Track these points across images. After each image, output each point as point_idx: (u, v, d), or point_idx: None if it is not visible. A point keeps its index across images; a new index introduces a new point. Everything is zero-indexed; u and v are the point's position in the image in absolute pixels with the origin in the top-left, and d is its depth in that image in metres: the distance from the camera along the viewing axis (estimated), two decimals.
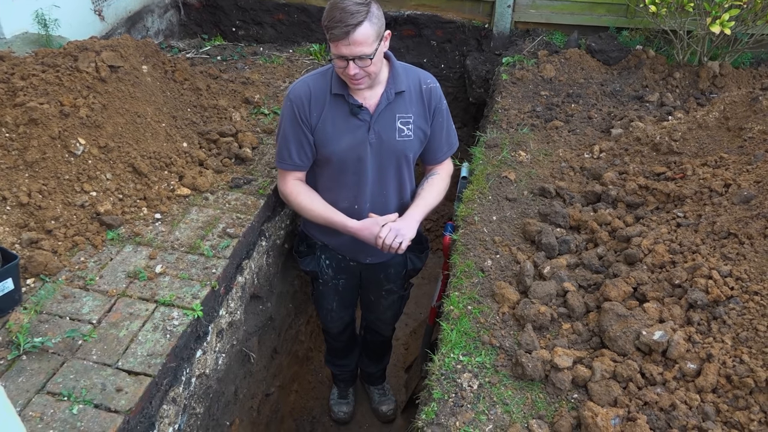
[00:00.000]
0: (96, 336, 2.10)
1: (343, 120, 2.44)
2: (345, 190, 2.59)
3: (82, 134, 2.67)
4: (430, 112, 2.55)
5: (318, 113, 2.43)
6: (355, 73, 2.24)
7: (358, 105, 2.41)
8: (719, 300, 2.03)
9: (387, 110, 2.46)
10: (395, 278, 3.00)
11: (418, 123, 2.53)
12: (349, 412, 3.71)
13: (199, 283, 2.36)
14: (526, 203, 2.84)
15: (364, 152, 2.49)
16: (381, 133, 2.48)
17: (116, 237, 2.56)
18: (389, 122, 2.48)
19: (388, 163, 2.56)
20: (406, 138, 2.52)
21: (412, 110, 2.50)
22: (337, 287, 3.01)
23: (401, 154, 2.56)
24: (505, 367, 2.06)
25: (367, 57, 2.20)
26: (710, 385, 1.86)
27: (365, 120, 2.44)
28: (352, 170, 2.53)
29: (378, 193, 2.62)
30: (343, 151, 2.48)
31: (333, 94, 2.42)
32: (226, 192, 2.90)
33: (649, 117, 3.42)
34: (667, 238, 2.34)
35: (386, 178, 2.60)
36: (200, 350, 2.32)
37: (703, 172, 2.62)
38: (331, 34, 2.16)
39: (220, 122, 3.30)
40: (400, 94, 2.47)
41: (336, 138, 2.45)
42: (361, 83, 2.32)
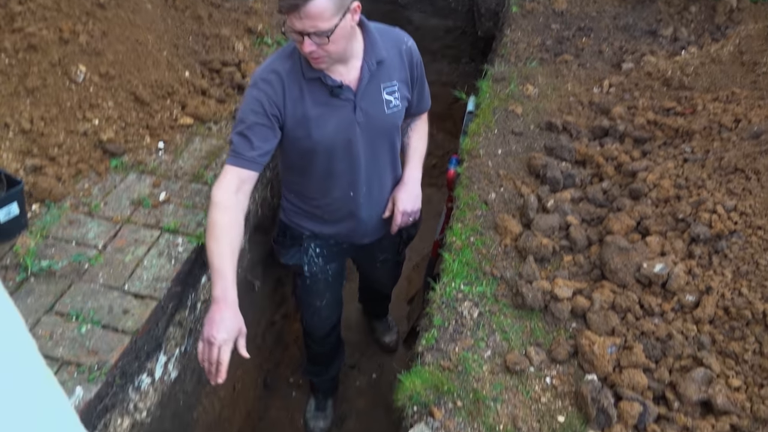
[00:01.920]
0: (102, 260, 2.13)
1: (323, 104, 2.08)
2: (337, 178, 2.26)
3: (83, 61, 2.63)
4: (412, 73, 2.26)
5: (293, 102, 2.06)
6: (311, 51, 1.88)
7: (338, 84, 2.06)
8: (722, 234, 2.03)
9: (371, 83, 2.13)
10: (389, 248, 2.75)
11: (402, 90, 2.23)
12: (325, 428, 3.25)
13: (203, 211, 2.37)
14: (532, 137, 2.81)
15: (353, 134, 2.16)
16: (368, 110, 2.15)
17: (120, 165, 2.56)
18: (375, 96, 2.16)
19: (379, 140, 2.26)
20: (394, 109, 2.21)
21: (395, 77, 2.19)
22: (327, 278, 2.64)
23: (392, 127, 2.27)
24: (505, 297, 2.09)
25: (324, 34, 1.85)
26: (708, 316, 1.88)
27: (349, 99, 2.10)
28: (341, 156, 2.20)
29: (374, 174, 2.32)
30: (330, 138, 2.13)
31: (307, 79, 2.04)
32: (229, 122, 2.87)
33: (662, 52, 3.34)
34: (673, 173, 2.33)
35: (379, 156, 2.31)
36: (205, 276, 2.35)
37: (714, 108, 2.58)
38: (280, 4, 1.84)
39: (223, 52, 3.24)
40: (381, 63, 2.13)
41: (319, 125, 2.10)
42: (321, 62, 1.96)
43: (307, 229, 2.45)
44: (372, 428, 3.36)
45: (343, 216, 2.38)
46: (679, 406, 1.72)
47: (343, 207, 2.35)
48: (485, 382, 1.82)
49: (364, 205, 2.35)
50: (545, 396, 1.79)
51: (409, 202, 2.38)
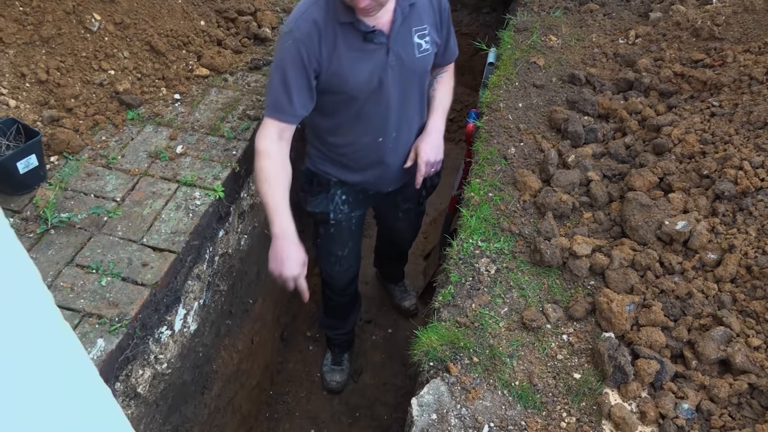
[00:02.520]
0: (120, 213, 2.14)
1: (357, 49, 2.10)
2: (368, 123, 2.29)
3: (97, 9, 2.59)
4: (441, 18, 2.29)
5: (329, 50, 2.07)
6: (366, 5, 1.92)
7: (371, 30, 2.07)
8: (747, 191, 1.99)
9: (403, 26, 2.15)
10: (412, 197, 2.78)
11: (432, 34, 2.25)
12: (342, 382, 3.37)
13: (220, 165, 2.37)
14: (554, 90, 2.74)
15: (386, 77, 2.18)
16: (401, 53, 2.17)
17: (136, 117, 2.54)
18: (407, 39, 2.18)
19: (410, 84, 2.29)
20: (425, 53, 2.24)
21: (426, 20, 2.22)
22: (350, 226, 2.66)
23: (423, 71, 2.30)
24: (523, 254, 2.07)
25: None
26: (729, 275, 1.86)
27: (382, 42, 2.12)
28: (374, 100, 2.22)
29: (403, 119, 2.35)
30: (364, 82, 2.16)
31: (341, 23, 2.05)
32: (246, 73, 2.83)
33: (692, 0, 3.21)
34: (699, 128, 2.26)
35: (409, 101, 2.33)
36: (222, 230, 2.36)
37: (745, 59, 2.48)
38: None
39: (238, 0, 3.17)
40: (413, 6, 2.16)
41: (354, 70, 2.12)
42: (372, 12, 1.99)
43: (334, 176, 2.46)
44: (387, 382, 3.42)
45: (371, 162, 2.40)
46: (696, 365, 1.72)
47: (371, 153, 2.37)
48: (502, 339, 1.82)
49: (392, 151, 2.38)
50: (561, 353, 1.79)
51: (432, 152, 2.40)
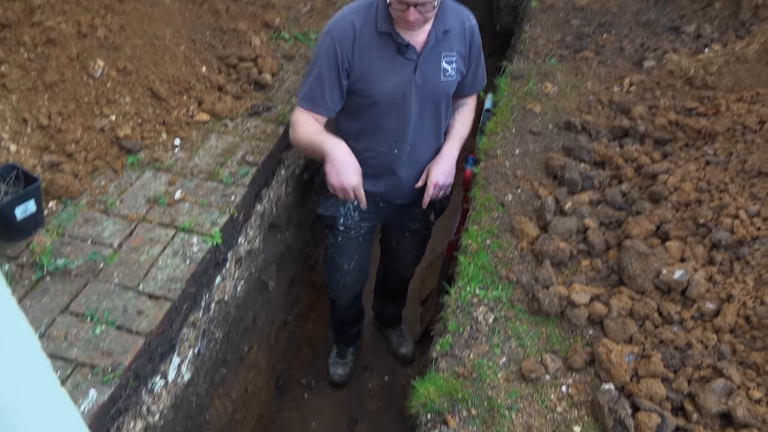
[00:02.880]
0: (117, 259, 2.13)
1: (389, 59, 2.30)
2: (386, 133, 2.46)
3: (101, 56, 2.63)
4: (470, 51, 2.46)
5: (361, 53, 2.28)
6: (414, 19, 2.13)
7: (406, 44, 2.28)
8: (744, 240, 1.99)
9: (434, 49, 2.34)
10: (421, 218, 2.89)
11: (459, 63, 2.43)
12: (345, 375, 3.53)
13: (219, 210, 2.37)
14: (551, 137, 2.77)
15: (410, 92, 2.37)
16: (427, 74, 2.36)
17: (136, 162, 2.56)
18: (435, 61, 2.36)
19: (430, 104, 2.45)
20: (449, 78, 2.42)
21: (455, 49, 2.40)
22: (359, 237, 2.80)
23: (444, 95, 2.47)
24: (521, 302, 2.06)
25: (430, 4, 2.10)
26: (728, 325, 1.84)
27: (412, 59, 2.31)
28: (395, 111, 2.41)
29: (419, 135, 2.50)
30: (388, 92, 2.35)
31: (379, 32, 2.26)
32: (246, 119, 2.86)
33: (685, 49, 3.28)
34: (694, 176, 2.28)
35: (427, 119, 2.49)
36: (219, 277, 2.35)
37: (738, 108, 2.52)
38: None
39: (240, 46, 3.22)
40: (447, 33, 2.34)
41: (382, 78, 2.32)
42: (416, 27, 2.22)
43: None
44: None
45: (384, 171, 2.56)
46: (698, 418, 1.69)
47: (385, 162, 2.54)
48: (500, 390, 1.80)
49: (405, 164, 2.55)
50: (561, 405, 1.76)
51: (443, 175, 2.54)
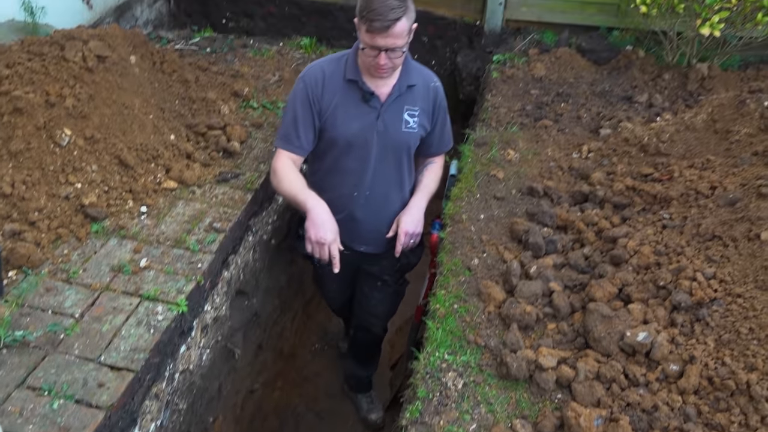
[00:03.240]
0: (78, 330, 2.08)
1: (354, 105, 2.49)
2: (347, 175, 2.62)
3: (68, 125, 2.64)
4: (434, 110, 2.63)
5: (330, 97, 2.48)
6: (384, 63, 2.30)
7: (371, 92, 2.47)
8: (703, 302, 2.05)
9: (397, 101, 2.52)
10: (390, 271, 2.95)
11: (422, 118, 2.59)
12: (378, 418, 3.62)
13: (185, 278, 2.35)
14: (514, 202, 2.84)
15: (371, 138, 2.53)
16: (388, 123, 2.53)
17: (101, 230, 2.53)
18: (397, 113, 2.54)
19: (391, 152, 2.60)
20: (410, 130, 2.58)
21: (418, 105, 2.57)
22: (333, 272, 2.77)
23: (404, 145, 2.62)
24: (489, 367, 2.07)
25: (400, 49, 2.29)
26: (692, 386, 1.87)
27: (375, 107, 2.50)
28: (356, 155, 2.57)
29: (378, 182, 2.64)
30: (351, 136, 2.52)
31: (346, 80, 2.47)
32: (214, 186, 2.88)
33: (638, 118, 3.44)
34: (652, 240, 2.35)
35: (388, 167, 2.63)
36: (184, 346, 2.31)
37: (690, 174, 2.64)
38: (370, 25, 2.21)
39: (209, 115, 3.27)
40: (411, 88, 2.53)
41: (346, 122, 2.51)
42: (386, 73, 2.39)
43: None
44: None
45: (345, 214, 2.64)
46: None
47: (345, 205, 2.65)
48: None
49: (363, 207, 2.66)
50: None
51: (412, 224, 2.64)
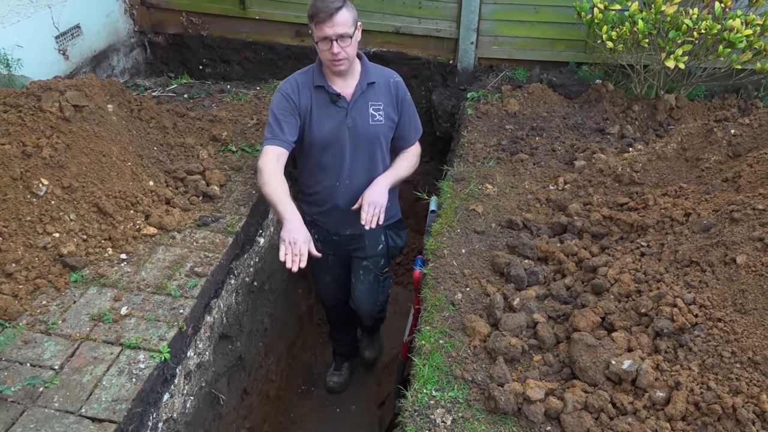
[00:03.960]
0: (58, 382, 2.03)
1: (324, 108, 2.84)
2: (327, 170, 2.96)
3: (45, 175, 2.63)
4: (398, 102, 2.95)
5: (305, 103, 2.82)
6: (337, 52, 2.61)
7: (337, 94, 2.80)
8: (684, 327, 2.07)
9: (361, 98, 2.85)
10: (372, 253, 3.27)
11: (387, 111, 2.91)
12: (340, 383, 4.09)
13: (166, 324, 2.32)
14: (494, 235, 2.87)
15: (343, 135, 2.87)
16: (357, 118, 2.85)
17: (80, 279, 2.50)
18: (363, 108, 2.87)
19: (363, 144, 2.92)
20: (377, 122, 2.90)
21: (381, 99, 2.89)
22: (327, 263, 3.29)
23: (374, 137, 2.92)
24: (477, 401, 2.05)
25: (348, 36, 2.60)
26: (679, 412, 1.88)
27: (343, 107, 2.83)
28: (332, 151, 2.90)
29: (355, 172, 2.96)
30: (325, 135, 2.85)
31: (315, 86, 2.81)
32: (194, 230, 2.87)
33: (611, 149, 3.51)
34: (632, 268, 2.39)
35: (362, 158, 2.95)
36: (167, 393, 2.26)
37: (664, 202, 2.69)
38: (317, 18, 2.56)
39: (187, 160, 3.28)
40: (372, 85, 2.86)
41: (319, 123, 2.84)
42: (342, 64, 2.69)
43: (308, 214, 3.13)
44: None
45: (330, 203, 3.04)
46: None
47: (330, 196, 3.02)
48: None
49: (344, 195, 3.00)
50: None
51: (374, 194, 2.89)
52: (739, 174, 2.59)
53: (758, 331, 2.00)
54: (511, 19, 4.35)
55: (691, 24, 3.44)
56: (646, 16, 3.58)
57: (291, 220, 2.59)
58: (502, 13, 4.33)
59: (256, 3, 4.56)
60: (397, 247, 3.35)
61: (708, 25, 3.40)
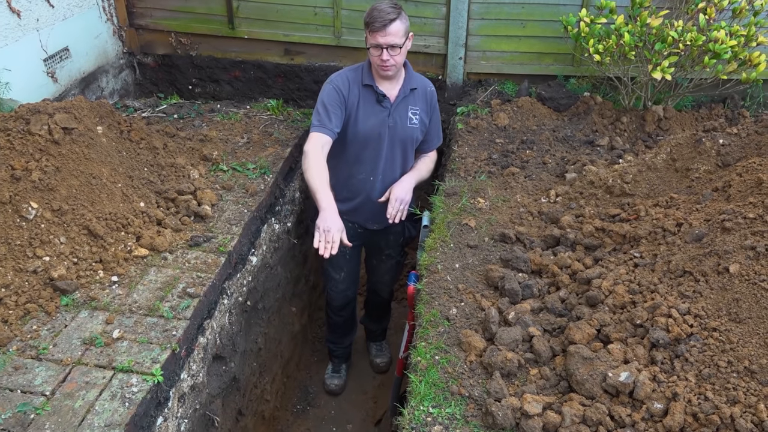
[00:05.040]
0: (50, 408, 2.00)
1: (370, 106, 3.14)
2: (364, 164, 3.25)
3: (35, 198, 2.61)
4: (430, 109, 3.31)
5: (353, 98, 3.11)
6: (386, 59, 2.93)
7: (383, 94, 3.13)
8: (680, 338, 2.07)
9: (403, 102, 3.19)
10: (394, 244, 3.67)
11: (422, 116, 3.26)
12: (339, 385, 4.24)
13: (159, 347, 2.29)
14: (488, 249, 2.86)
15: (384, 132, 3.18)
16: (397, 119, 3.18)
17: (71, 302, 2.48)
18: (404, 111, 3.20)
19: (398, 144, 3.24)
20: (413, 125, 3.24)
21: (419, 105, 3.23)
22: (345, 255, 3.53)
23: (409, 138, 3.26)
24: (475, 417, 2.04)
25: (397, 46, 2.91)
26: (677, 424, 1.87)
27: (387, 107, 3.16)
28: (372, 146, 3.20)
29: (389, 168, 3.28)
30: (368, 130, 3.16)
31: (364, 84, 3.12)
32: (186, 251, 2.85)
33: (601, 160, 3.53)
34: (626, 279, 2.39)
35: (396, 156, 3.27)
36: (161, 417, 2.23)
37: (656, 213, 2.70)
38: (372, 26, 2.88)
39: (178, 180, 3.27)
40: (413, 91, 3.20)
41: (364, 119, 3.14)
42: (390, 70, 3.01)
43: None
44: None
45: (361, 196, 3.34)
46: None
47: (362, 188, 3.32)
48: None
49: (377, 189, 3.31)
50: None
51: (401, 191, 3.25)
52: (729, 183, 2.60)
53: (753, 339, 2.00)
54: (499, 34, 4.39)
55: (676, 36, 3.48)
56: (632, 29, 3.62)
57: (327, 209, 2.79)
58: (489, 29, 4.37)
59: (244, 22, 4.58)
60: (411, 237, 3.62)
61: (693, 37, 3.44)
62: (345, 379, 4.31)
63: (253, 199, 3.29)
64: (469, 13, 4.30)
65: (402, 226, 3.52)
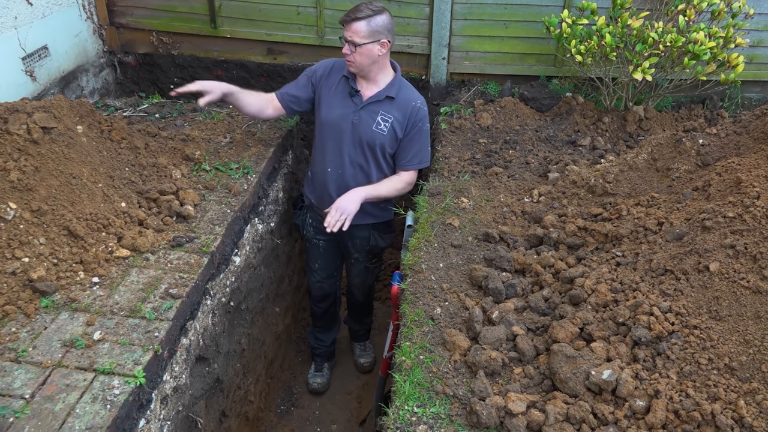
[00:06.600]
0: (29, 412, 1.97)
1: (341, 97, 3.24)
2: (326, 152, 3.33)
3: (13, 198, 2.57)
4: (409, 124, 3.24)
5: (330, 84, 3.26)
6: (346, 53, 3.06)
7: (356, 89, 3.21)
8: (662, 336, 2.09)
9: (375, 104, 3.21)
10: (360, 249, 3.63)
11: (394, 126, 3.22)
12: (323, 384, 4.25)
13: (141, 348, 2.27)
14: (472, 249, 2.87)
15: (347, 126, 3.23)
16: (362, 118, 3.21)
17: (51, 304, 2.44)
18: (372, 113, 3.22)
19: (366, 146, 3.25)
20: (380, 131, 3.22)
21: (393, 114, 3.21)
22: (318, 248, 3.70)
23: (373, 142, 3.24)
24: (460, 416, 2.04)
25: (354, 44, 3.01)
26: (660, 421, 1.89)
27: (356, 103, 3.22)
28: (333, 137, 3.28)
29: (350, 166, 3.30)
30: (332, 119, 3.25)
31: (343, 76, 3.24)
32: (168, 251, 2.82)
33: (583, 160, 3.56)
34: (608, 278, 2.41)
35: (358, 155, 3.28)
36: (143, 419, 2.21)
37: (637, 212, 2.73)
38: (343, 18, 3.03)
39: (160, 180, 3.24)
40: (390, 99, 3.20)
41: (332, 105, 3.25)
42: (351, 65, 3.12)
43: (307, 197, 3.60)
44: None
45: (322, 187, 3.41)
46: None
47: (323, 178, 3.38)
48: None
49: (334, 183, 3.34)
50: None
51: (345, 201, 3.19)
52: (709, 183, 2.64)
53: (733, 337, 2.03)
54: (482, 35, 4.41)
55: (656, 37, 3.52)
56: (613, 30, 3.65)
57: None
58: (472, 29, 4.39)
59: (227, 21, 4.55)
60: (378, 247, 3.63)
61: (673, 38, 3.48)
62: (328, 378, 4.32)
63: (236, 199, 3.27)
64: (452, 14, 4.32)
65: (368, 233, 3.55)
